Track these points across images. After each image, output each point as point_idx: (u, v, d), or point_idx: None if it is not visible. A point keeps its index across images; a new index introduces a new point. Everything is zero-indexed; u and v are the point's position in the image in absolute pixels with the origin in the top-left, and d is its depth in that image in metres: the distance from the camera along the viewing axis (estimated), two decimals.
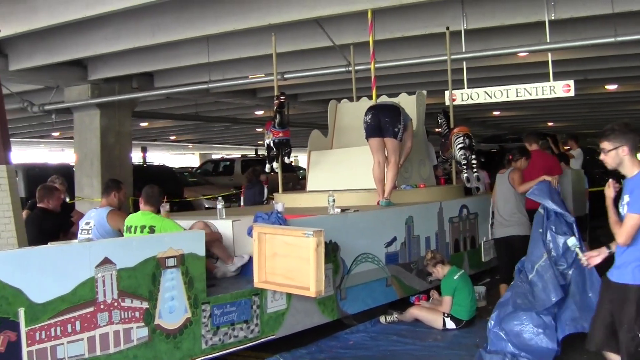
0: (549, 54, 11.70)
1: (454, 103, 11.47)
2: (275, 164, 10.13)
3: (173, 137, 37.69)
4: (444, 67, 11.45)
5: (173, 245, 5.57)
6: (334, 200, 7.55)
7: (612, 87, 20.31)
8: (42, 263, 4.80)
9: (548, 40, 10.98)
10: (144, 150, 28.31)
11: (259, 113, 25.13)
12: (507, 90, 11.62)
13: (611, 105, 25.97)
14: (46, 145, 39.81)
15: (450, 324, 7.55)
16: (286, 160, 10.18)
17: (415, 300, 8.21)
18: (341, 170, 9.87)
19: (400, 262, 8.20)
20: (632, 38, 10.67)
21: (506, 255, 8.31)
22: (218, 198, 7.87)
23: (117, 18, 11.95)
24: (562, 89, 11.12)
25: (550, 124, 32.99)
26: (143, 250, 5.37)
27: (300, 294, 6.17)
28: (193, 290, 5.67)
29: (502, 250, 8.50)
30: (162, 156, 50.78)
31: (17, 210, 6.96)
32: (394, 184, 8.70)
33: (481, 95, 11.79)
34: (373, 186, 8.69)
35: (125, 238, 6.30)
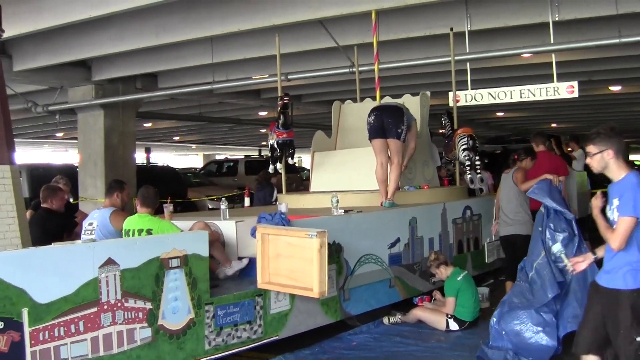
0: (553, 55, 11.70)
1: (458, 104, 11.46)
2: (279, 165, 10.13)
3: (177, 138, 37.73)
4: (448, 68, 11.43)
5: (176, 245, 5.57)
6: (338, 201, 7.55)
7: (616, 88, 20.28)
8: (46, 263, 4.81)
9: (552, 41, 10.97)
10: (148, 150, 28.28)
11: (263, 114, 25.13)
12: (511, 91, 11.62)
13: (615, 106, 25.95)
14: (50, 145, 39.86)
15: (453, 325, 7.55)
16: (290, 161, 10.18)
17: (418, 301, 8.20)
18: (345, 171, 9.87)
19: (403, 263, 8.19)
20: (636, 39, 10.65)
21: (509, 254, 8.38)
22: (221, 199, 7.87)
23: (121, 19, 11.97)
24: (566, 90, 11.11)
25: (554, 125, 32.95)
26: (146, 250, 5.37)
27: (303, 295, 6.16)
28: (196, 290, 5.67)
29: (506, 248, 8.58)
30: (166, 157, 50.81)
31: (21, 210, 6.96)
32: (397, 185, 8.70)
33: (485, 96, 11.78)
34: (377, 187, 8.69)
35: (129, 239, 6.31)
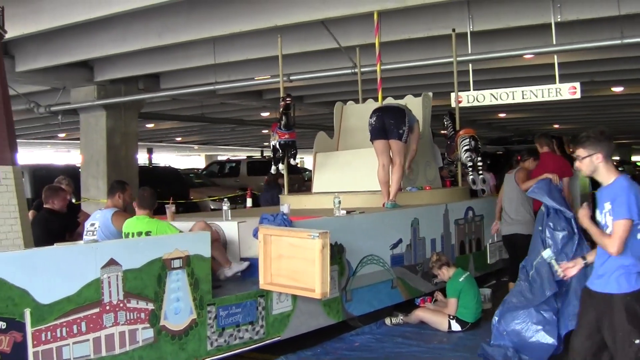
0: (555, 56, 11.68)
1: (460, 105, 11.46)
2: (281, 166, 10.13)
3: (179, 139, 37.73)
4: (450, 69, 11.43)
5: (179, 246, 5.58)
6: (340, 201, 7.54)
7: (618, 90, 20.26)
8: (48, 264, 4.82)
9: (554, 42, 10.97)
10: (150, 151, 28.34)
11: (265, 114, 25.14)
12: (513, 92, 11.61)
13: (617, 107, 25.92)
14: (52, 146, 39.88)
15: (455, 326, 7.54)
16: (292, 161, 10.18)
17: (420, 302, 8.19)
18: (347, 172, 9.87)
19: (405, 264, 8.19)
20: (639, 40, 10.63)
21: (511, 254, 8.43)
22: (224, 199, 7.87)
23: (123, 19, 11.98)
24: (568, 91, 11.10)
25: (556, 126, 32.93)
26: (149, 251, 5.37)
27: (305, 296, 6.16)
28: (198, 291, 5.68)
29: (508, 248, 8.64)
30: (168, 157, 50.85)
31: (24, 211, 6.97)
32: (400, 186, 8.70)
33: (487, 97, 11.78)
34: (379, 188, 8.69)
35: (131, 239, 6.31)
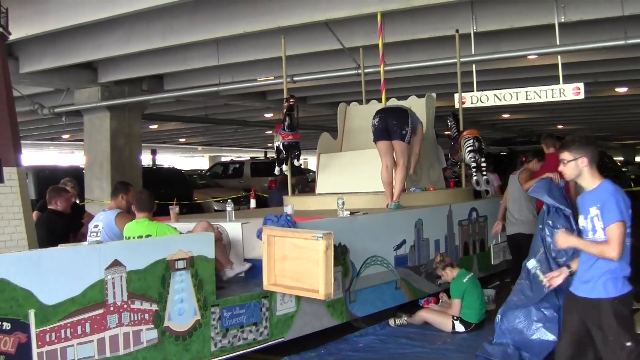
0: (559, 57, 11.67)
1: (464, 106, 11.44)
2: (284, 167, 10.13)
3: (182, 140, 37.77)
4: (454, 70, 11.43)
5: (183, 247, 5.58)
6: (344, 202, 7.54)
7: (622, 90, 20.24)
8: (53, 265, 4.82)
9: (558, 42, 10.96)
10: (154, 152, 28.27)
11: (269, 115, 25.15)
12: (517, 93, 11.60)
13: (621, 107, 25.88)
14: (56, 147, 39.91)
15: (459, 327, 7.54)
16: (295, 162, 10.18)
17: (424, 303, 8.19)
18: (351, 173, 9.87)
19: (409, 265, 8.19)
20: None
21: (514, 254, 8.46)
22: (227, 200, 7.88)
23: (127, 21, 12.00)
24: (572, 92, 11.09)
25: (560, 127, 32.88)
26: (153, 252, 5.38)
27: (309, 297, 6.16)
28: (202, 292, 5.68)
29: (511, 248, 8.69)
30: (172, 158, 50.90)
31: (28, 212, 6.99)
32: (403, 187, 8.70)
33: (491, 98, 11.76)
34: (382, 189, 8.69)
35: (135, 240, 6.32)
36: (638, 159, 51.45)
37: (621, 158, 41.83)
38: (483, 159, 10.28)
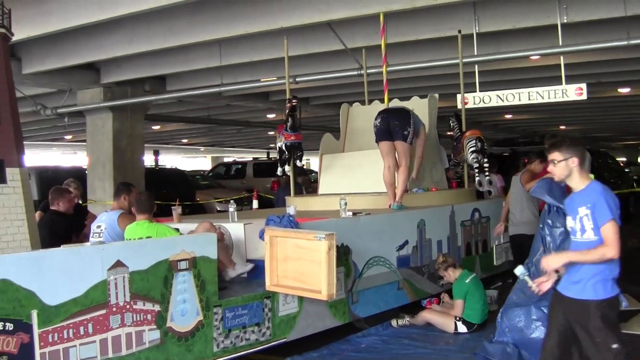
0: (561, 57, 11.65)
1: (466, 106, 11.43)
2: (287, 168, 10.13)
3: (185, 140, 37.78)
4: (456, 71, 11.42)
5: (185, 248, 5.59)
6: (346, 203, 7.55)
7: (625, 91, 20.20)
8: (55, 265, 4.83)
9: (560, 43, 10.95)
10: (156, 153, 28.29)
11: (271, 116, 25.15)
12: (519, 93, 11.57)
13: (623, 108, 25.84)
14: (59, 148, 39.94)
15: (462, 328, 7.53)
16: (298, 163, 10.18)
17: (426, 303, 8.19)
18: (353, 173, 9.87)
19: (412, 266, 8.19)
20: None
21: (516, 254, 8.48)
22: (230, 201, 7.88)
23: (130, 22, 12.00)
24: (575, 92, 11.06)
25: (562, 127, 32.84)
26: (155, 253, 5.39)
27: (311, 297, 6.17)
28: (205, 293, 5.69)
29: (514, 249, 8.78)
30: (174, 159, 50.92)
31: (30, 212, 7.00)
32: (406, 188, 8.69)
33: (493, 98, 11.74)
34: (385, 189, 8.69)
35: (137, 241, 6.32)
36: None
37: (624, 159, 41.72)
38: (485, 160, 10.28)
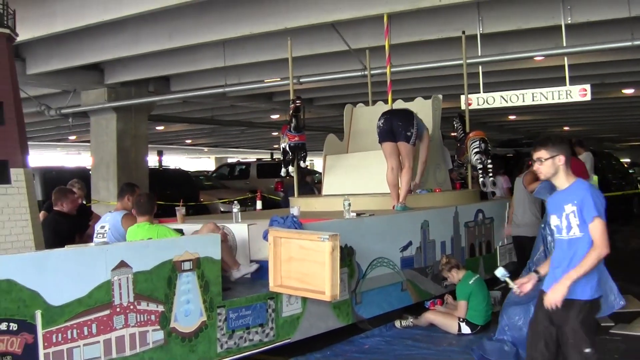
0: (566, 58, 11.64)
1: (470, 107, 11.43)
2: (290, 168, 10.13)
3: (189, 141, 37.80)
4: (460, 71, 11.42)
5: (189, 248, 5.59)
6: (350, 204, 7.54)
7: (629, 91, 20.15)
8: (59, 266, 4.84)
9: (564, 44, 10.95)
10: (160, 153, 28.36)
11: (275, 117, 25.16)
12: (523, 94, 11.57)
13: (628, 109, 25.80)
14: (63, 148, 40.00)
15: (465, 329, 7.52)
16: (302, 164, 10.18)
17: (430, 304, 8.17)
18: (357, 174, 9.87)
19: (415, 267, 8.18)
20: None
21: (519, 255, 8.51)
22: (234, 202, 7.89)
23: (134, 22, 12.02)
24: (579, 93, 11.06)
25: (566, 128, 32.81)
26: (159, 253, 5.39)
27: (315, 298, 6.16)
28: (209, 293, 5.69)
29: (517, 250, 8.76)
30: (178, 160, 50.95)
31: (34, 213, 7.02)
32: (409, 188, 8.69)
33: (497, 99, 11.73)
34: (388, 190, 8.68)
35: (141, 241, 6.33)
36: None
37: (628, 160, 41.69)
38: (489, 161, 10.27)
